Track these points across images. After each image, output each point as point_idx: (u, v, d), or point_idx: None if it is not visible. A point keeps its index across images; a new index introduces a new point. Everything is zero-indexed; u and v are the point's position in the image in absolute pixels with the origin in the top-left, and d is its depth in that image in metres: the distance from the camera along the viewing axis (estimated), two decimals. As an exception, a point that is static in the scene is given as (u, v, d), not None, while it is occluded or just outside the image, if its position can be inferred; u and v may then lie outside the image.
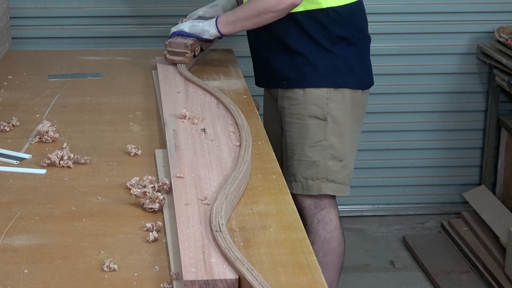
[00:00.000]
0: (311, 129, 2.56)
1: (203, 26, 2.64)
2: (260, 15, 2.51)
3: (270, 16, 2.50)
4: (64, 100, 2.42)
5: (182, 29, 2.67)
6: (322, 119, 2.55)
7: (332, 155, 2.57)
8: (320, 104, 2.54)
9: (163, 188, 1.78)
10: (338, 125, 2.57)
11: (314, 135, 2.56)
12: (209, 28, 2.62)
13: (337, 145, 2.58)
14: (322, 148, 2.57)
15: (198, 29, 2.65)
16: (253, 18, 2.53)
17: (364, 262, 3.63)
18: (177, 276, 1.45)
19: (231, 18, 2.60)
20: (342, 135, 2.59)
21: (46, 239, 1.60)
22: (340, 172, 2.60)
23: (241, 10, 2.56)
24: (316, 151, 2.57)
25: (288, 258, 1.53)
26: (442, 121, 3.89)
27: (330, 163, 2.58)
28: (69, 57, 2.91)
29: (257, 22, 2.53)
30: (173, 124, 2.12)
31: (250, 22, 2.55)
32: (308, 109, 2.55)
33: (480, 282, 3.40)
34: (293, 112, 2.58)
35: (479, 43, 3.77)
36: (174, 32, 2.68)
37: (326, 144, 2.56)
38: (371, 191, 3.95)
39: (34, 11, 3.62)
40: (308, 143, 2.57)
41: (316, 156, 2.57)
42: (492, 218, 3.54)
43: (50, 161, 1.93)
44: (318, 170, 2.57)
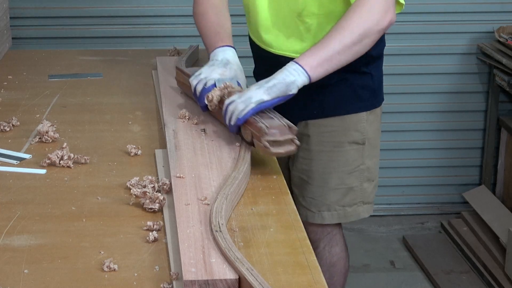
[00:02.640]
0: (350, 156, 2.32)
1: (285, 80, 1.98)
2: (362, 39, 2.06)
3: (371, 40, 2.08)
4: (64, 100, 2.42)
5: (261, 99, 1.94)
6: (361, 143, 2.32)
7: (367, 177, 2.37)
8: (360, 128, 2.31)
9: (163, 188, 1.78)
10: (373, 147, 2.37)
11: (353, 161, 2.33)
12: (296, 78, 1.99)
13: (372, 166, 2.38)
14: (360, 173, 2.35)
15: (281, 88, 1.97)
16: (354, 46, 2.05)
17: (364, 262, 3.63)
18: (177, 276, 1.45)
19: (323, 54, 2.03)
20: (376, 155, 2.40)
21: (46, 239, 1.60)
22: (373, 192, 2.42)
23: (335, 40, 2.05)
24: (354, 177, 2.34)
25: (288, 258, 1.53)
26: (442, 121, 3.89)
27: (365, 186, 2.37)
28: (69, 57, 2.91)
29: (357, 51, 2.08)
30: (173, 124, 2.12)
31: (349, 53, 2.06)
32: (348, 135, 2.30)
33: (480, 282, 3.40)
34: (325, 140, 2.31)
35: (479, 43, 3.77)
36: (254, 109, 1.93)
37: (364, 168, 2.35)
38: (371, 191, 3.95)
39: (34, 11, 3.62)
40: (346, 170, 2.32)
41: (354, 182, 2.34)
42: (492, 218, 3.54)
43: (50, 161, 1.93)
44: (356, 196, 2.36)
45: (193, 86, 2.13)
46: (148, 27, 3.67)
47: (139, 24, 3.67)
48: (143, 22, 3.67)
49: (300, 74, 2.00)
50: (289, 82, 1.98)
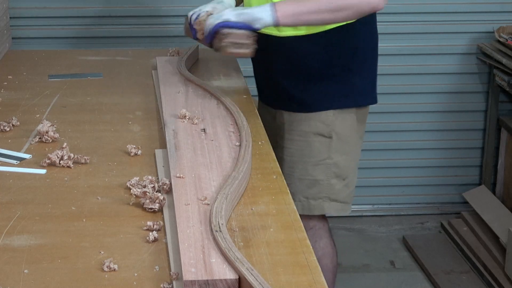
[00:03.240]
0: (315, 147, 2.41)
1: (254, 13, 2.20)
2: (338, 11, 2.20)
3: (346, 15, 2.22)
4: (64, 100, 2.42)
5: (228, 19, 2.20)
6: (327, 136, 2.40)
7: (335, 173, 2.43)
8: (326, 121, 2.39)
9: (163, 188, 1.78)
10: (344, 143, 2.42)
11: (318, 153, 2.41)
12: (263, 16, 2.19)
13: (341, 163, 2.43)
14: (325, 167, 2.42)
15: (248, 17, 2.20)
16: (326, 13, 2.21)
17: (364, 262, 3.63)
18: (177, 276, 1.45)
19: (295, 8, 2.20)
20: (347, 153, 2.44)
21: (46, 239, 1.60)
22: (343, 190, 2.46)
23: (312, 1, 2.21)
24: (319, 170, 2.42)
25: (288, 258, 1.53)
26: (442, 121, 3.89)
27: (333, 182, 2.43)
28: (69, 57, 2.91)
29: (327, 19, 2.23)
30: (173, 124, 2.12)
31: (318, 17, 2.21)
32: (313, 126, 2.40)
33: (480, 282, 3.40)
34: (294, 128, 2.43)
35: (479, 43, 3.77)
36: (219, 24, 2.20)
37: (330, 163, 2.42)
38: (371, 191, 3.96)
39: (34, 11, 3.62)
40: (312, 161, 2.41)
41: (320, 175, 2.42)
42: (492, 218, 3.54)
43: (50, 161, 1.93)
44: (321, 189, 2.43)
45: (188, 16, 2.38)
46: (148, 27, 3.67)
47: (139, 24, 3.67)
48: (143, 22, 3.67)
49: (269, 16, 2.20)
50: (257, 17, 2.20)
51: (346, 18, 2.25)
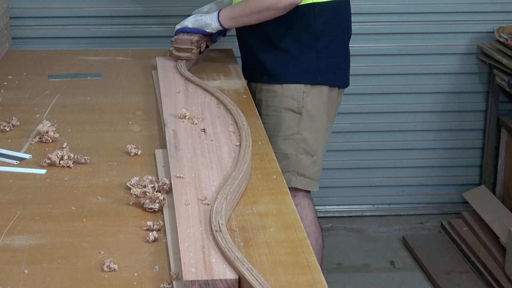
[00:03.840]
0: (285, 122, 2.61)
1: (205, 20, 2.67)
2: (261, 12, 2.55)
3: (271, 13, 2.55)
4: (64, 100, 2.42)
5: (186, 25, 2.71)
6: (297, 112, 2.60)
7: (304, 149, 2.62)
8: (296, 97, 2.60)
9: (163, 188, 1.78)
10: (313, 120, 2.62)
11: (288, 128, 2.61)
12: (211, 22, 2.66)
13: (310, 139, 2.62)
14: (295, 141, 2.61)
15: (201, 23, 2.68)
16: (254, 15, 2.57)
17: (364, 262, 3.63)
18: (177, 276, 1.45)
19: (232, 13, 2.63)
20: (316, 130, 2.63)
21: (46, 239, 1.60)
22: (311, 167, 2.64)
23: (243, 6, 2.59)
24: (288, 144, 2.61)
25: (288, 258, 1.53)
26: (442, 121, 3.89)
27: (302, 157, 2.62)
28: (69, 57, 2.91)
29: (258, 18, 2.58)
30: (173, 124, 2.12)
31: (250, 18, 2.59)
32: (284, 101, 2.60)
33: (480, 282, 3.40)
34: (270, 104, 2.63)
35: (479, 43, 3.77)
36: (179, 29, 2.71)
37: (299, 138, 2.61)
38: (371, 191, 3.95)
39: (34, 11, 3.62)
40: (282, 135, 2.61)
41: (289, 149, 2.61)
42: (492, 218, 3.54)
43: (50, 161, 1.93)
44: (289, 163, 2.61)
45: None
46: (148, 27, 3.67)
47: (139, 24, 3.67)
48: (143, 22, 3.67)
49: (215, 22, 2.66)
50: (207, 23, 2.68)
51: (274, 14, 2.55)
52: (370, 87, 3.80)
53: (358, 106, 3.76)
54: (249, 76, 2.74)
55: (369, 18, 3.73)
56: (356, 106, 3.75)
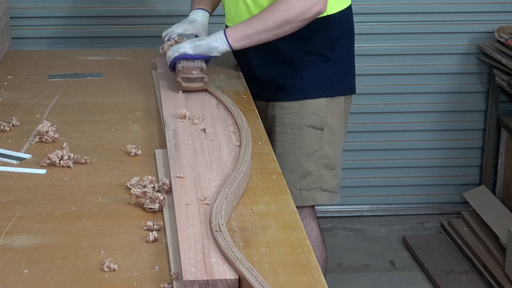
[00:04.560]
0: (307, 139, 2.48)
1: (210, 44, 2.36)
2: (282, 26, 2.32)
3: (293, 27, 2.33)
4: (64, 100, 2.42)
5: (184, 51, 2.37)
6: (319, 128, 2.48)
7: (325, 164, 2.51)
8: (318, 113, 2.47)
9: (163, 188, 1.78)
10: (333, 134, 2.51)
11: (311, 145, 2.48)
12: (217, 45, 2.36)
13: (330, 153, 2.51)
14: (317, 158, 2.49)
15: (204, 48, 2.37)
16: (273, 31, 2.33)
17: (364, 262, 3.63)
18: (177, 276, 1.45)
19: (246, 31, 2.35)
20: (335, 143, 2.53)
21: (46, 239, 1.60)
22: (332, 180, 2.54)
23: (257, 22, 2.34)
24: (311, 161, 2.49)
25: (288, 258, 1.53)
26: (442, 121, 3.89)
27: (324, 172, 2.51)
28: (69, 57, 2.91)
29: (277, 34, 2.34)
30: (173, 124, 2.12)
31: (269, 34, 2.34)
32: (305, 118, 2.47)
33: (480, 282, 3.40)
34: (286, 121, 2.49)
35: (479, 43, 3.77)
36: (176, 57, 2.37)
37: (322, 154, 2.50)
38: (371, 191, 3.96)
39: (34, 11, 3.62)
40: (304, 153, 2.48)
41: (311, 167, 2.49)
42: (492, 218, 3.54)
43: (50, 161, 1.93)
44: (313, 180, 2.50)
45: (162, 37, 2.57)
46: (148, 27, 3.67)
47: (139, 24, 3.67)
48: (143, 22, 3.67)
49: (223, 43, 2.35)
50: (212, 47, 2.36)
51: (295, 28, 2.34)
52: (370, 87, 3.80)
53: (358, 106, 3.76)
54: (257, 95, 2.48)
55: (369, 18, 3.73)
56: (356, 106, 3.75)
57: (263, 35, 2.34)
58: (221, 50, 2.37)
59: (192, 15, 2.61)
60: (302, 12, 2.30)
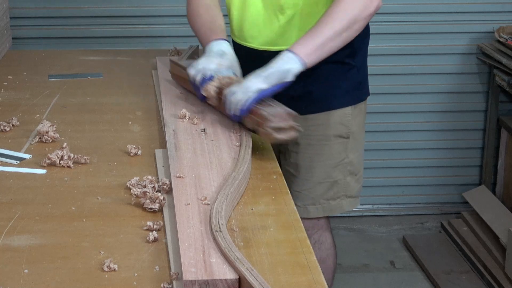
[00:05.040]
0: (334, 149, 2.37)
1: (280, 68, 2.06)
2: (351, 26, 2.15)
3: (360, 25, 2.18)
4: (64, 100, 2.42)
5: (259, 88, 2.02)
6: (345, 137, 2.38)
7: (350, 171, 2.42)
8: (345, 122, 2.36)
9: (163, 188, 1.78)
10: (356, 141, 2.42)
11: (338, 155, 2.38)
12: (291, 66, 2.06)
13: (354, 160, 2.42)
14: (343, 166, 2.40)
15: (278, 76, 2.05)
16: (344, 33, 2.14)
17: (364, 262, 3.63)
18: (177, 276, 1.45)
19: (315, 41, 2.11)
20: (358, 149, 2.44)
21: (46, 239, 1.60)
22: (356, 186, 2.46)
23: (326, 28, 2.13)
24: (338, 170, 2.39)
25: (288, 258, 1.53)
26: (442, 121, 3.89)
27: (348, 179, 2.42)
28: (69, 57, 2.91)
29: (347, 36, 2.16)
30: (173, 124, 2.12)
31: (339, 39, 2.15)
32: (332, 129, 2.35)
33: (480, 282, 3.40)
34: (311, 133, 2.35)
35: (479, 43, 3.77)
36: (254, 99, 2.01)
37: (347, 162, 2.40)
38: (371, 191, 3.96)
39: (34, 11, 3.62)
40: (331, 163, 2.38)
41: (338, 175, 2.40)
42: (492, 218, 3.54)
43: (50, 161, 1.93)
44: (339, 189, 2.41)
45: (191, 76, 2.17)
46: (148, 27, 3.67)
47: (139, 24, 3.67)
48: (143, 22, 3.67)
49: (295, 62, 2.07)
50: (285, 70, 2.06)
51: (362, 26, 2.20)
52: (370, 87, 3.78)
53: (358, 106, 3.76)
54: None
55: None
56: (356, 106, 3.75)
57: (334, 42, 2.14)
58: (295, 72, 2.08)
59: (216, 47, 2.22)
60: (364, 7, 2.16)
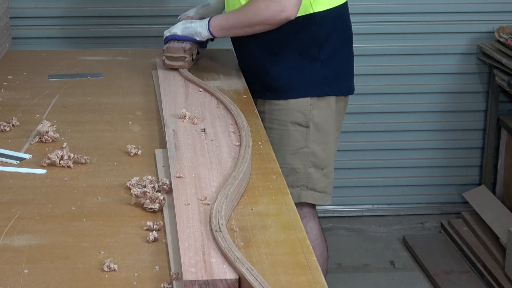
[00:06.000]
0: (292, 136, 2.52)
1: (196, 28, 2.58)
2: (252, 26, 2.46)
3: (262, 28, 2.46)
4: (64, 100, 2.42)
5: (175, 32, 2.62)
6: (304, 126, 2.51)
7: (313, 162, 2.53)
8: (303, 111, 2.51)
9: (163, 188, 1.78)
10: (321, 133, 2.53)
11: (295, 142, 2.52)
12: (201, 30, 2.56)
13: (319, 153, 2.53)
14: (303, 155, 2.52)
15: (191, 31, 2.59)
16: (245, 28, 2.48)
17: (364, 262, 3.63)
18: (177, 276, 1.45)
19: (223, 23, 2.53)
20: (325, 143, 2.54)
21: (46, 239, 1.60)
22: (321, 180, 2.55)
23: (234, 18, 2.50)
24: (297, 158, 2.52)
25: (288, 258, 1.53)
26: (442, 121, 3.89)
27: (311, 171, 2.53)
28: (69, 57, 2.91)
29: (249, 32, 2.49)
30: (173, 124, 2.12)
31: (241, 31, 2.50)
32: (290, 115, 2.51)
33: (480, 282, 3.40)
34: (274, 117, 2.54)
35: (479, 43, 3.77)
36: (168, 37, 2.62)
37: (308, 152, 2.52)
38: (371, 191, 3.96)
39: (34, 11, 3.62)
40: (289, 150, 2.52)
41: (297, 164, 2.52)
42: (492, 218, 3.54)
43: (50, 161, 1.93)
44: (298, 178, 2.53)
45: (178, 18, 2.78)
46: (148, 27, 3.67)
47: (139, 24, 3.67)
48: (143, 22, 3.67)
49: (205, 30, 2.55)
50: (197, 32, 2.57)
51: (264, 29, 2.46)
52: (370, 87, 3.80)
53: (358, 106, 3.76)
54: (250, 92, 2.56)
55: (369, 18, 3.73)
56: (356, 106, 3.75)
57: (236, 30, 2.51)
58: (204, 36, 2.57)
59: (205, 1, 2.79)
60: (269, 17, 2.41)
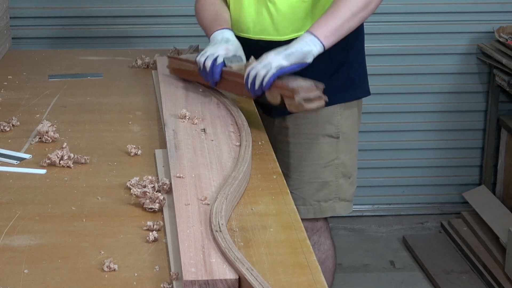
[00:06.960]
0: (323, 149, 2.38)
1: (301, 49, 2.10)
2: (366, 5, 2.17)
3: (376, 4, 2.20)
4: (64, 100, 2.42)
5: (280, 65, 2.07)
6: (335, 137, 2.38)
7: (342, 173, 2.42)
8: (333, 121, 2.37)
9: (163, 188, 1.78)
10: (348, 142, 2.42)
11: (327, 154, 2.38)
12: (311, 48, 2.10)
13: (347, 162, 2.42)
14: (334, 167, 2.40)
15: (298, 56, 2.09)
16: (360, 13, 2.17)
17: (364, 262, 3.63)
18: (177, 276, 1.45)
19: (334, 23, 2.14)
20: (351, 151, 2.43)
21: (46, 239, 1.60)
22: (349, 189, 2.46)
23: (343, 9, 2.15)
24: (328, 171, 2.40)
25: (288, 258, 1.53)
26: (442, 121, 3.90)
27: (341, 181, 2.42)
28: (69, 57, 2.91)
29: (363, 17, 2.19)
30: (173, 124, 2.12)
31: (356, 20, 2.16)
32: (320, 127, 2.36)
33: (480, 282, 3.40)
34: (301, 132, 2.38)
35: (479, 43, 3.77)
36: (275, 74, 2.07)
37: (338, 163, 2.40)
38: (371, 191, 3.96)
39: (34, 11, 3.63)
40: (321, 163, 2.39)
41: (329, 176, 2.40)
42: (492, 218, 3.54)
43: (50, 161, 1.93)
44: (331, 190, 2.42)
45: (201, 63, 2.25)
46: (148, 27, 3.67)
47: (139, 24, 3.67)
48: (143, 22, 3.67)
49: (315, 45, 2.11)
50: (306, 52, 2.10)
51: (376, 6, 2.22)
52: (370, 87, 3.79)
53: (358, 106, 3.76)
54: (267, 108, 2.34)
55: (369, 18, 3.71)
56: (356, 106, 3.75)
57: (351, 22, 2.16)
58: (316, 53, 2.12)
59: (219, 36, 2.29)
60: None
